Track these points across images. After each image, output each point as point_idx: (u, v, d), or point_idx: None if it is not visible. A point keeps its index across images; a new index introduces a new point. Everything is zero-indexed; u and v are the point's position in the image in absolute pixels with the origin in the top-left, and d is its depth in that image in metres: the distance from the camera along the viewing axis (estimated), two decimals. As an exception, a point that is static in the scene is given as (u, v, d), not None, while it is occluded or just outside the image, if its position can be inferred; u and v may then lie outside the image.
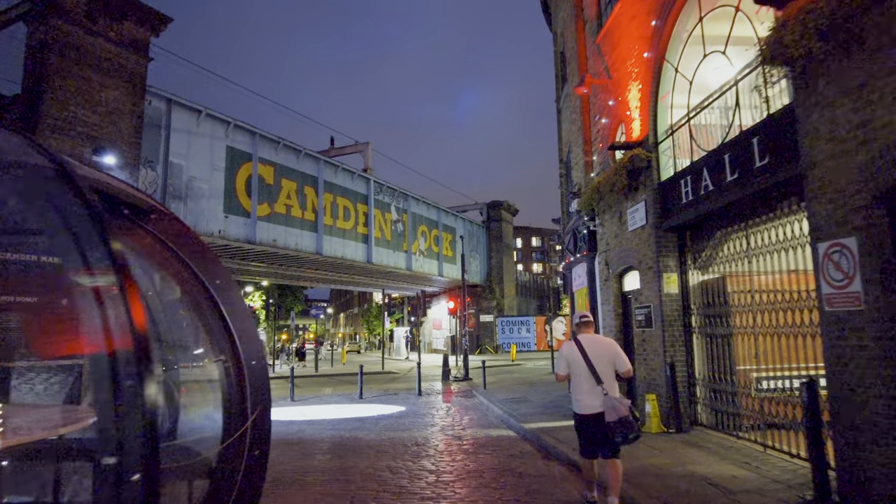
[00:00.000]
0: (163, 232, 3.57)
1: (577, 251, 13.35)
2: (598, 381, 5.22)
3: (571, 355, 5.41)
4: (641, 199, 9.82)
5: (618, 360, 5.37)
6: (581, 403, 5.32)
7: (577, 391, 5.36)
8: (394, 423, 11.36)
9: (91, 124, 14.43)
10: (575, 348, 5.40)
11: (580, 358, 5.32)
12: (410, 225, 32.36)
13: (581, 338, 5.52)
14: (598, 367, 5.27)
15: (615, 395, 5.23)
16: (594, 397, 5.22)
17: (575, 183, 13.49)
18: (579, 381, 5.34)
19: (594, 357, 5.31)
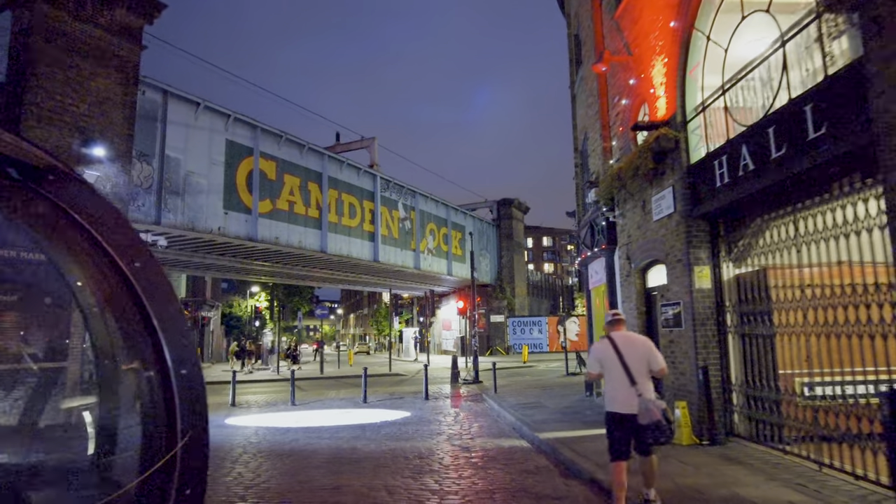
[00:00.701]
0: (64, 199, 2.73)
1: (594, 245, 12.42)
2: (632, 381, 5.05)
3: (604, 354, 5.25)
4: (668, 184, 8.87)
5: (652, 359, 5.21)
6: (615, 402, 5.16)
7: (611, 390, 5.21)
8: (397, 432, 10.49)
9: (80, 114, 13.71)
10: (608, 346, 5.24)
11: (614, 356, 5.16)
12: (418, 223, 31.50)
13: (614, 335, 5.33)
14: (632, 365, 5.10)
15: (649, 396, 5.06)
16: (627, 397, 5.05)
17: (592, 171, 12.55)
18: (613, 380, 5.18)
19: (628, 355, 5.14)
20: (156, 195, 17.04)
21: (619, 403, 5.10)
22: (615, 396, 5.14)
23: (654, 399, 5.03)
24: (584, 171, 14.66)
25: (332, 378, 25.23)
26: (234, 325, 48.51)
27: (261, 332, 40.83)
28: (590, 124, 12.86)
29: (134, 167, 16.42)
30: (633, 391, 5.01)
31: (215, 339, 41.06)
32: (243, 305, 43.66)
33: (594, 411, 11.85)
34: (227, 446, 9.33)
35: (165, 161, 17.41)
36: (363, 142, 30.79)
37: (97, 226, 2.92)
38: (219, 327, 44.59)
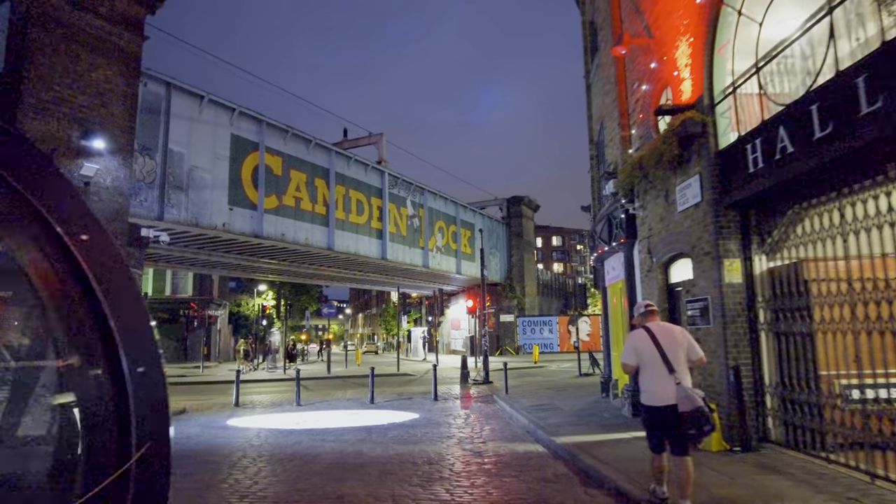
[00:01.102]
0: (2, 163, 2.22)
1: (612, 240, 11.84)
2: (670, 370, 4.95)
3: (642, 344, 5.14)
4: (695, 172, 8.29)
5: (690, 348, 5.14)
6: (652, 394, 5.04)
7: (648, 382, 5.09)
8: (405, 434, 9.97)
9: (79, 106, 13.31)
10: (645, 336, 5.14)
11: (651, 346, 5.07)
12: (427, 220, 30.99)
13: (650, 325, 5.26)
14: (671, 355, 5.01)
15: (688, 384, 4.97)
16: (667, 387, 4.93)
17: (609, 162, 11.98)
18: (650, 370, 5.07)
19: (666, 345, 5.06)
20: (159, 190, 16.64)
21: (657, 396, 4.99)
22: (653, 388, 5.02)
23: (692, 387, 4.96)
24: (600, 163, 14.09)
25: (339, 378, 24.78)
26: (242, 325, 48.28)
27: (268, 332, 40.51)
28: (607, 113, 12.28)
29: (136, 161, 16.03)
30: (672, 380, 4.91)
31: (222, 339, 40.79)
32: (250, 304, 43.37)
33: (611, 413, 11.29)
34: (226, 450, 8.86)
35: (169, 155, 17.01)
36: (371, 138, 30.31)
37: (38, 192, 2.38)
38: (226, 326, 44.34)
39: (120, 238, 13.98)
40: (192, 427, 11.18)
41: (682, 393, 4.84)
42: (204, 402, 15.70)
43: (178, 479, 6.88)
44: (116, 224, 13.91)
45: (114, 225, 13.83)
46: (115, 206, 13.86)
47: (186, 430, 10.82)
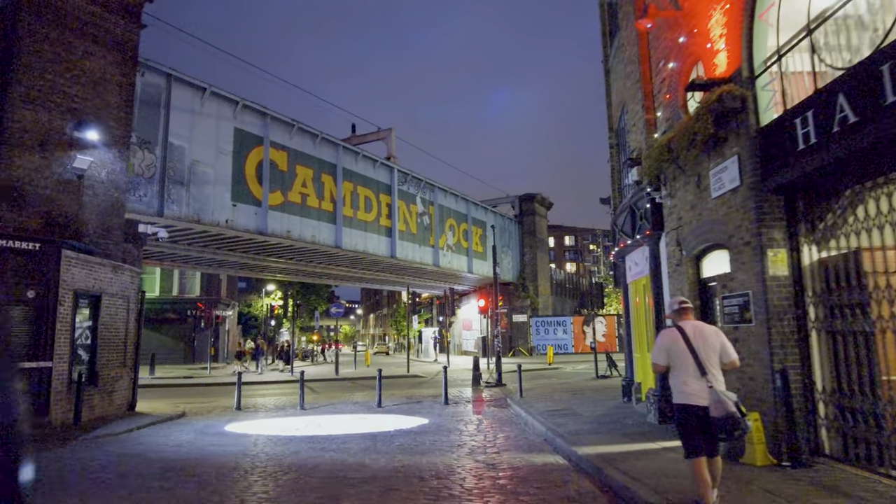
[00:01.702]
0: None
1: (635, 232, 11.00)
2: (702, 372, 4.82)
3: (674, 344, 4.98)
4: (732, 153, 7.45)
5: (724, 349, 4.98)
6: (685, 394, 4.88)
7: (679, 382, 4.94)
8: (412, 443, 9.21)
9: (72, 95, 12.72)
10: (677, 336, 4.98)
11: (684, 346, 4.91)
12: (437, 218, 30.23)
13: (683, 324, 5.07)
14: (704, 356, 4.87)
15: (721, 387, 4.82)
16: (699, 389, 4.81)
17: (632, 149, 11.14)
18: (682, 371, 4.92)
19: (699, 345, 4.90)
20: (158, 185, 16.04)
21: (688, 395, 4.83)
22: (684, 389, 4.88)
23: (725, 390, 4.80)
24: (620, 152, 13.24)
25: (347, 379, 24.08)
26: (252, 325, 47.86)
27: (277, 332, 39.98)
28: (629, 96, 11.44)
29: (135, 155, 15.46)
30: (704, 382, 4.78)
31: (231, 339, 40.32)
32: (259, 304, 42.90)
33: (635, 420, 10.45)
34: (218, 460, 8.15)
35: (169, 149, 16.41)
36: (380, 133, 29.62)
37: None
38: (235, 327, 43.89)
39: (116, 234, 13.37)
40: (187, 433, 10.50)
41: (715, 397, 4.68)
42: (205, 406, 15.06)
43: (154, 495, 6.17)
44: (112, 219, 13.30)
45: (109, 220, 13.22)
46: (110, 201, 13.25)
47: (180, 436, 10.14)
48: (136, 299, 13.65)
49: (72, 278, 11.32)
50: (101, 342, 12.34)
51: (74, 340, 11.55)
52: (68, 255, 11.23)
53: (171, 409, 13.76)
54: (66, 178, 12.35)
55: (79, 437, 9.80)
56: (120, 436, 10.19)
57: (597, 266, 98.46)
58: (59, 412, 10.82)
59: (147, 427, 11.29)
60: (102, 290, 12.34)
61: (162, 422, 12.03)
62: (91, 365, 12.09)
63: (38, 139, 12.06)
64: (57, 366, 10.83)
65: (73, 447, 9.03)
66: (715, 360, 4.90)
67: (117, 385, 12.85)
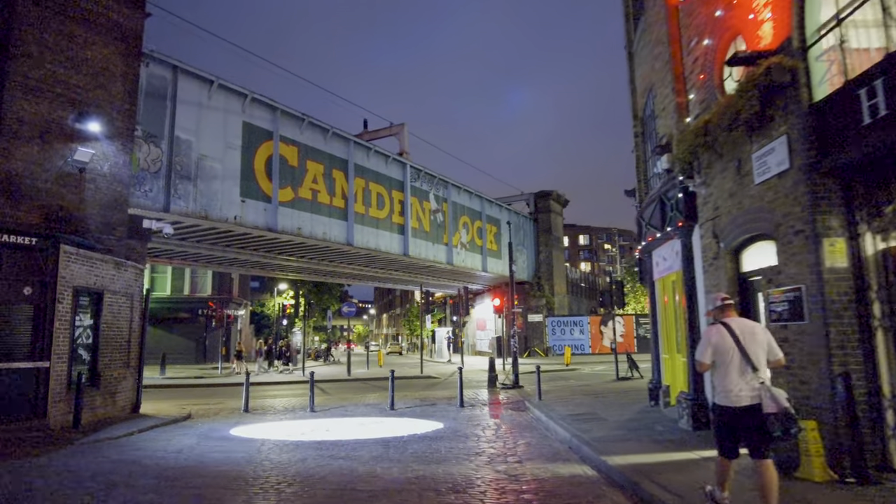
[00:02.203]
0: None
1: (665, 225, 10.27)
2: (753, 368, 4.72)
3: (721, 341, 4.87)
4: (780, 132, 6.73)
5: (771, 347, 4.89)
6: (730, 394, 4.78)
7: (726, 381, 4.82)
8: (426, 450, 8.58)
9: (73, 86, 12.27)
10: (725, 333, 4.88)
11: (732, 344, 4.81)
12: (451, 215, 29.59)
13: (729, 321, 4.98)
14: (753, 353, 4.76)
15: (770, 384, 4.70)
16: (747, 387, 4.72)
17: (661, 135, 10.41)
18: (729, 369, 4.81)
19: (747, 342, 4.80)
20: (164, 180, 15.57)
21: (736, 396, 4.73)
22: (730, 388, 4.76)
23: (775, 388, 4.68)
24: (646, 140, 12.50)
25: (359, 380, 23.53)
26: (264, 325, 47.57)
27: (289, 332, 39.60)
28: (657, 79, 10.72)
29: (140, 149, 15.00)
30: (754, 380, 4.69)
31: (243, 339, 40.01)
32: (271, 304, 42.58)
33: (666, 426, 9.73)
34: (219, 469, 7.58)
35: (175, 143, 15.94)
36: (392, 128, 29.03)
37: None
38: (247, 326, 43.60)
39: (119, 229, 12.89)
40: (189, 437, 9.96)
41: (767, 393, 4.59)
42: (212, 407, 14.56)
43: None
44: (115, 214, 12.83)
45: (112, 215, 12.75)
46: (113, 195, 12.78)
47: (181, 441, 9.61)
48: (141, 297, 13.18)
49: (71, 275, 10.85)
50: (104, 341, 11.87)
51: (74, 340, 11.07)
52: (67, 250, 10.75)
53: (176, 411, 13.27)
54: (66, 171, 11.90)
55: (76, 440, 9.29)
56: (119, 440, 9.67)
57: (612, 266, 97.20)
58: (58, 414, 10.34)
59: (149, 430, 10.78)
60: (104, 288, 11.86)
61: (166, 424, 11.53)
62: (92, 365, 11.61)
63: (37, 131, 11.61)
64: (55, 366, 10.35)
65: (68, 452, 8.52)
66: (763, 357, 4.78)
67: (120, 386, 12.37)
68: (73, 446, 8.95)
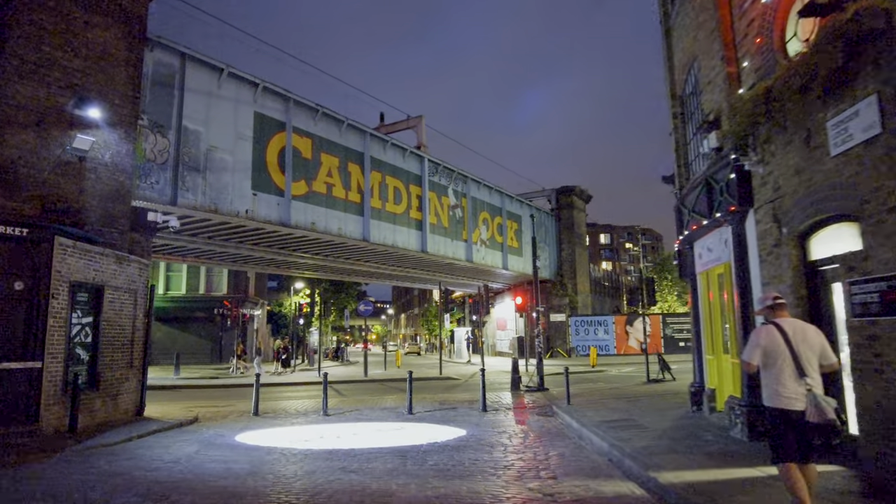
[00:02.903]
0: None
1: (712, 211, 9.21)
2: (801, 373, 4.50)
3: (772, 342, 4.61)
4: (867, 92, 5.68)
5: (824, 350, 4.62)
6: (781, 397, 4.55)
7: (774, 384, 4.60)
8: (448, 462, 7.66)
9: (73, 70, 11.60)
10: (776, 333, 4.63)
11: (783, 345, 4.57)
12: (470, 211, 28.63)
13: (780, 322, 4.70)
14: (804, 357, 4.54)
15: (819, 391, 4.48)
16: (796, 391, 4.50)
17: (707, 111, 9.35)
18: (778, 372, 4.58)
19: (798, 345, 4.56)
20: (172, 171, 14.88)
21: (788, 398, 4.55)
22: (779, 391, 4.60)
23: (824, 396, 4.49)
24: (686, 121, 11.43)
25: (376, 381, 22.71)
26: (282, 324, 47.09)
27: (307, 331, 38.99)
28: (701, 50, 9.66)
29: (147, 139, 14.33)
30: (803, 385, 4.52)
31: (260, 339, 39.51)
32: (287, 303, 42.06)
33: (716, 435, 8.68)
34: (217, 484, 6.75)
35: (183, 133, 15.25)
36: (409, 121, 28.17)
37: None
38: (264, 326, 43.14)
39: (122, 222, 12.20)
40: (190, 445, 9.17)
41: (813, 401, 4.43)
42: (221, 410, 13.82)
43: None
44: (117, 206, 12.14)
45: (114, 207, 12.06)
46: (114, 186, 12.09)
47: (181, 449, 8.81)
48: (145, 293, 12.47)
49: (67, 269, 10.14)
50: (104, 340, 11.16)
51: (72, 338, 10.37)
52: (63, 242, 10.04)
53: (182, 414, 12.53)
54: (65, 159, 11.23)
55: (67, 447, 8.55)
56: (114, 447, 8.91)
57: (633, 265, 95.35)
58: (52, 418, 9.63)
59: (150, 436, 10.03)
60: (105, 283, 11.16)
61: (169, 429, 10.78)
62: (92, 365, 10.91)
63: (34, 117, 10.95)
64: (49, 366, 9.64)
65: (53, 461, 7.77)
66: (814, 361, 4.59)
67: (123, 388, 11.66)
68: (61, 454, 8.20)
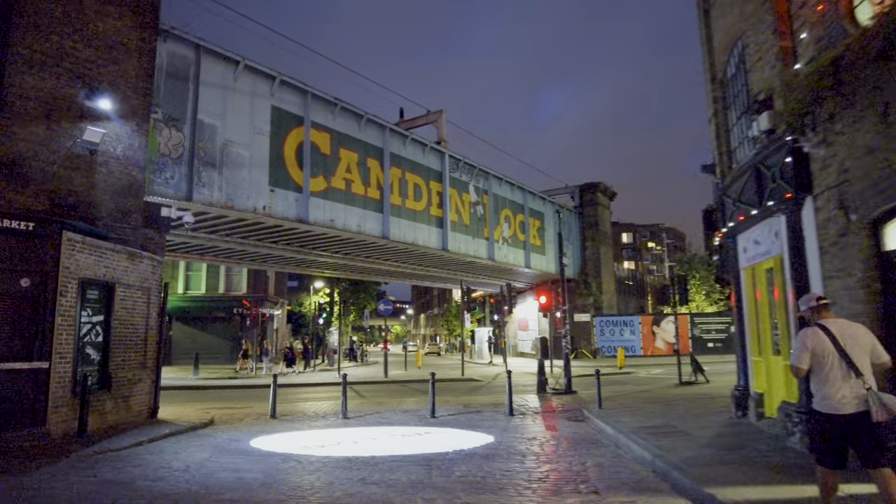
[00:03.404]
0: None
1: (764, 199, 8.43)
2: (856, 373, 4.35)
3: (820, 344, 4.47)
4: (964, 54, 4.91)
5: (875, 350, 4.50)
6: (831, 401, 4.40)
7: (826, 386, 4.45)
8: (477, 473, 7.02)
9: (83, 60, 11.22)
10: (823, 336, 4.49)
11: (831, 348, 4.43)
12: (492, 208, 27.95)
13: (827, 323, 4.59)
14: (856, 357, 4.40)
15: (877, 389, 4.31)
16: (851, 393, 4.35)
17: (757, 91, 8.57)
18: (829, 374, 4.44)
19: (849, 345, 4.44)
20: (187, 166, 14.49)
21: (838, 403, 4.35)
22: (829, 394, 4.41)
23: (885, 394, 4.31)
24: (728, 106, 10.63)
25: (397, 382, 22.16)
26: (302, 324, 46.91)
27: (326, 331, 38.69)
28: (749, 26, 8.88)
29: (161, 133, 13.95)
30: (859, 385, 4.31)
31: (280, 338, 39.29)
32: (307, 303, 41.82)
33: (769, 445, 7.90)
34: (224, 496, 6.21)
35: (198, 127, 14.85)
36: (429, 116, 27.58)
37: None
38: (284, 325, 42.95)
39: (134, 217, 11.80)
40: (202, 450, 8.67)
41: (875, 399, 4.23)
42: (238, 412, 13.37)
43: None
44: (129, 201, 11.73)
45: (126, 202, 11.65)
46: (127, 180, 11.68)
47: (192, 455, 8.32)
48: (159, 291, 12.06)
49: (76, 265, 9.73)
50: (116, 340, 10.75)
51: (81, 337, 9.96)
52: (71, 237, 9.63)
53: (198, 416, 12.09)
54: (76, 153, 10.84)
55: (73, 452, 8.11)
56: (122, 452, 8.45)
57: (656, 265, 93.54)
58: (60, 421, 9.21)
59: (161, 440, 9.57)
60: (116, 280, 10.75)
61: (182, 432, 10.33)
62: (103, 366, 10.50)
63: (43, 109, 10.59)
64: (57, 366, 9.23)
65: (55, 468, 7.31)
66: (867, 362, 4.47)
67: (135, 389, 11.25)
68: (66, 460, 7.76)
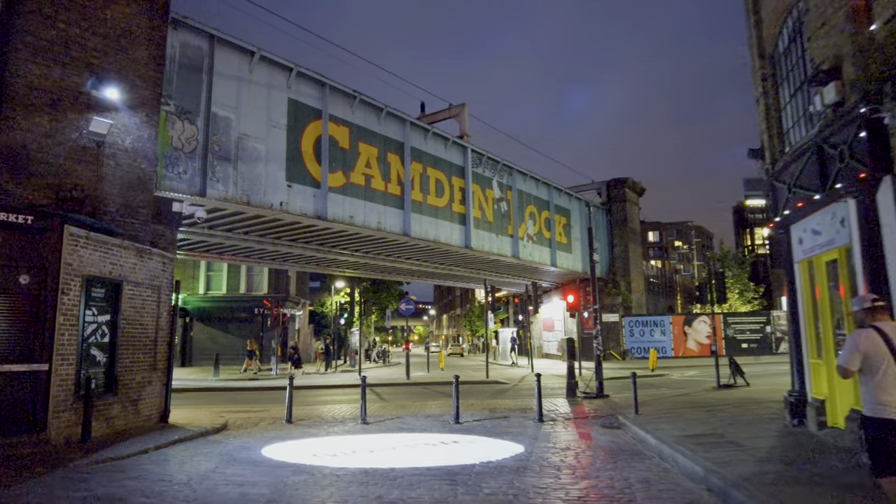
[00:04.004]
0: None
1: (828, 182, 7.48)
2: None
3: (873, 347, 4.19)
4: None
5: None
6: (886, 406, 4.09)
7: (879, 392, 4.15)
8: (507, 490, 6.25)
9: (90, 48, 10.75)
10: (877, 338, 4.22)
11: (885, 351, 4.15)
12: (516, 204, 27.07)
13: (881, 325, 4.30)
14: None
15: None
16: None
17: (820, 61, 7.63)
18: (882, 379, 4.15)
19: None
20: (201, 161, 13.98)
21: (889, 407, 4.07)
22: (883, 399, 4.12)
23: None
24: (779, 84, 9.67)
25: (419, 384, 21.46)
26: (324, 325, 46.58)
27: (348, 331, 38.22)
28: (809, -12, 7.95)
29: (173, 126, 13.46)
30: None
31: (301, 339, 38.94)
32: (329, 303, 41.44)
33: (840, 459, 6.96)
34: (222, 513, 5.53)
35: (212, 120, 14.34)
36: (451, 110, 26.84)
37: None
38: (306, 326, 42.64)
39: (143, 212, 11.30)
40: (209, 459, 8.05)
41: None
42: (254, 415, 12.80)
43: None
44: (138, 195, 11.22)
45: (135, 196, 11.15)
46: (136, 173, 11.18)
47: (198, 465, 7.70)
48: (170, 290, 11.54)
49: (80, 261, 9.21)
50: (123, 340, 10.23)
51: (86, 338, 9.45)
52: (74, 232, 9.11)
53: (211, 420, 11.54)
54: (82, 144, 10.37)
55: (71, 461, 7.56)
56: (124, 461, 7.87)
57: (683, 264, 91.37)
58: (62, 426, 8.69)
59: (168, 447, 9.00)
60: (123, 278, 10.23)
61: (191, 438, 9.75)
62: (109, 368, 9.98)
63: (48, 99, 10.13)
64: (58, 369, 8.71)
65: (46, 480, 6.73)
66: None
67: (144, 392, 10.72)
68: (62, 470, 7.19)
